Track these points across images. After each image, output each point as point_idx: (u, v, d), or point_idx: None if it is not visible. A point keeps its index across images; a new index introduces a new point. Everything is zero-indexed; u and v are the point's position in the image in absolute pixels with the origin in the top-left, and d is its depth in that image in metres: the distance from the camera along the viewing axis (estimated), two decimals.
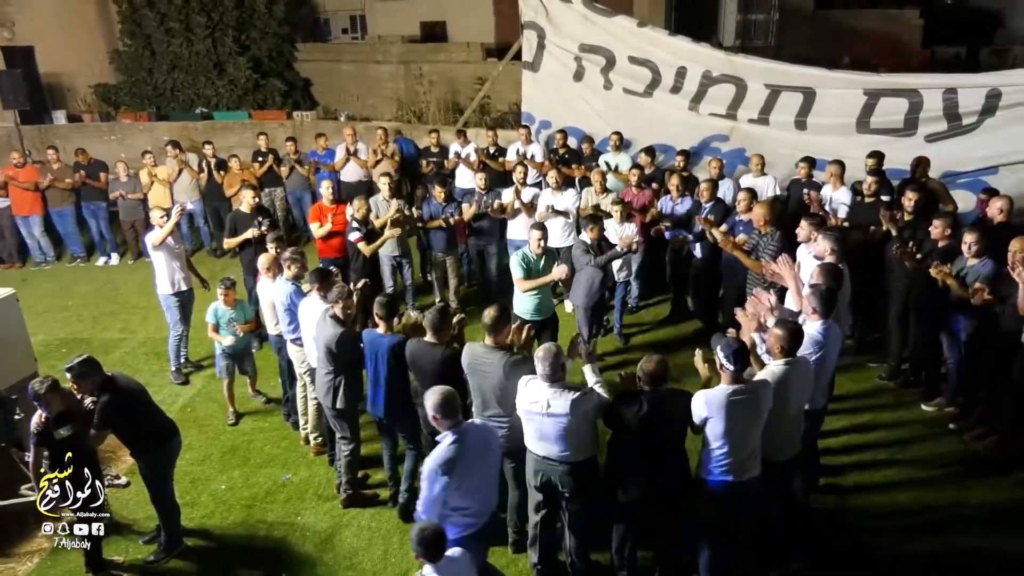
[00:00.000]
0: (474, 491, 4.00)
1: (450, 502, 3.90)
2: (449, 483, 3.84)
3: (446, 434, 3.92)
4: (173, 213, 7.18)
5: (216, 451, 6.28)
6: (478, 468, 3.99)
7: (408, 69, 15.75)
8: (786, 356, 4.24)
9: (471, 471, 3.93)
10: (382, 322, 5.04)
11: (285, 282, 5.88)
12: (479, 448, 3.99)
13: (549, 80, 10.89)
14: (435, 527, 3.63)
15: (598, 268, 6.75)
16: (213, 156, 10.57)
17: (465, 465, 3.89)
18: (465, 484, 3.91)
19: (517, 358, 4.55)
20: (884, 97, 8.74)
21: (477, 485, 4.00)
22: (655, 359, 4.17)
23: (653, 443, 4.19)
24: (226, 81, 14.89)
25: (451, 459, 3.86)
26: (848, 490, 5.40)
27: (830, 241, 5.30)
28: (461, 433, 3.92)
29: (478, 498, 4.04)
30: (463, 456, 3.88)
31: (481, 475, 4.04)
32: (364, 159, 10.35)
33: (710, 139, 9.79)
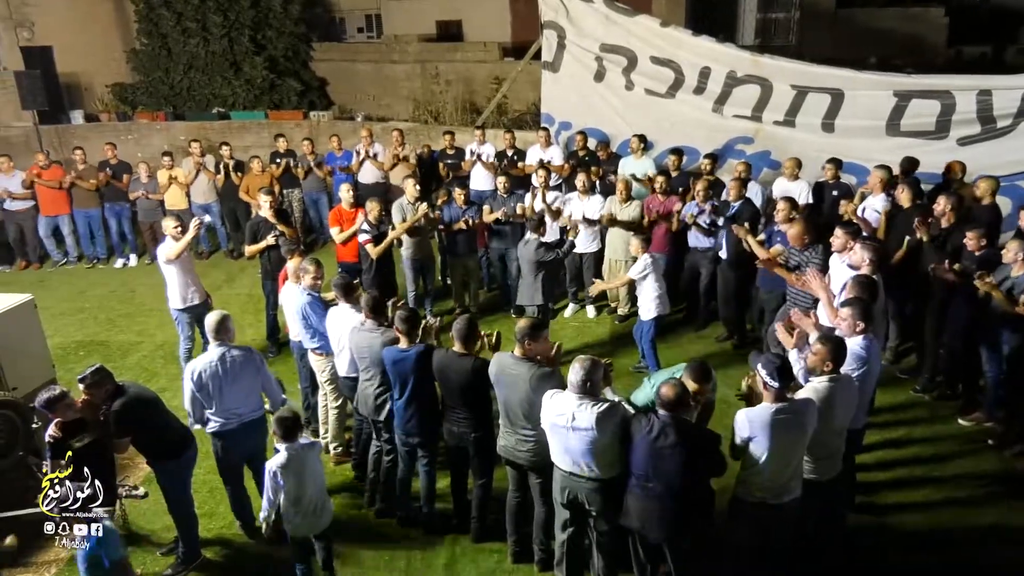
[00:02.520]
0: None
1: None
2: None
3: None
4: (191, 226, 6.95)
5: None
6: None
7: (424, 69, 15.66)
8: (830, 373, 4.07)
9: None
10: (404, 337, 4.89)
11: (301, 291, 5.77)
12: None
13: (569, 81, 10.71)
14: (296, 415, 4.57)
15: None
16: (230, 157, 10.49)
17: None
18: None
19: (545, 371, 4.41)
20: (915, 99, 8.53)
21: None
22: (673, 385, 3.93)
23: (657, 471, 3.94)
24: (242, 81, 14.86)
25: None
26: (885, 509, 5.21)
27: (868, 251, 5.13)
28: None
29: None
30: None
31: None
32: (381, 161, 10.23)
33: (734, 141, 9.60)
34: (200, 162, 10.39)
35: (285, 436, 4.44)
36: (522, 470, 4.71)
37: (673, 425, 3.87)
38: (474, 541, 5.08)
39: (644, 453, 3.97)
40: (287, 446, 4.43)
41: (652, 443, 3.91)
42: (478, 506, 5.04)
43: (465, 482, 5.15)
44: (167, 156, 10.48)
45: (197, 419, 5.08)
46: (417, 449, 5.13)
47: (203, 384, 4.91)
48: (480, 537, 5.07)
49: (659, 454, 3.90)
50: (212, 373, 4.91)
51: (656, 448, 3.90)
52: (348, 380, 5.62)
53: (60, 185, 10.35)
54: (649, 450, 3.93)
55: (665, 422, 3.89)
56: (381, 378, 5.10)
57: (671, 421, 3.87)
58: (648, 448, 3.93)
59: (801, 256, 6.17)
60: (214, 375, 4.91)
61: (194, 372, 4.93)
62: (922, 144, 8.32)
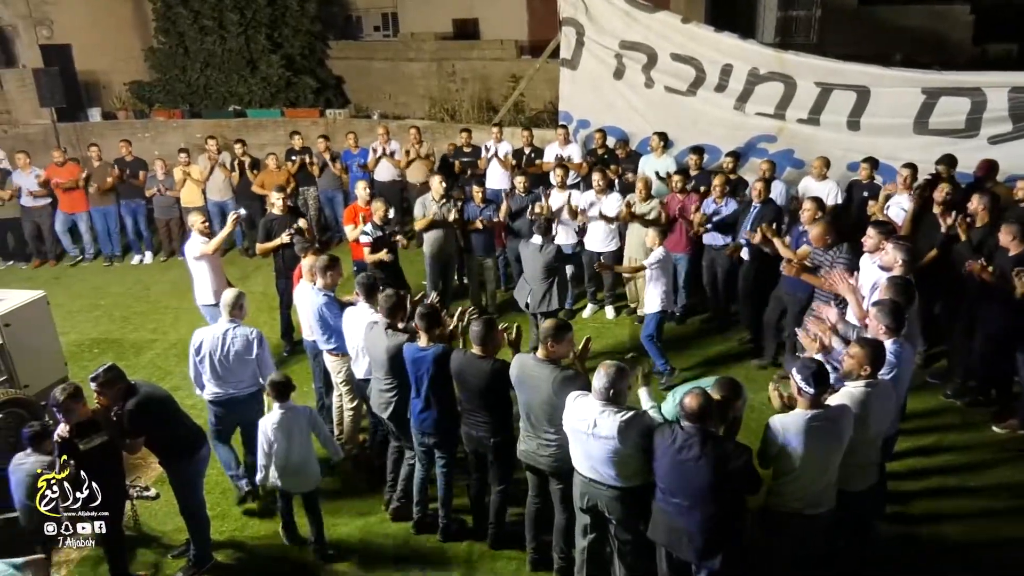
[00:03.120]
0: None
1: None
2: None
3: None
4: (229, 220, 7.08)
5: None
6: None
7: (440, 67, 15.57)
8: (867, 377, 3.90)
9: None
10: (423, 334, 4.77)
11: (317, 292, 5.66)
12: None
13: (588, 78, 10.56)
14: (288, 378, 4.91)
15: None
16: (245, 155, 10.42)
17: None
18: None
19: (569, 373, 4.27)
20: (944, 96, 8.33)
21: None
22: (698, 395, 3.69)
23: (682, 485, 3.76)
24: (259, 79, 14.80)
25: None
26: (917, 520, 5.03)
27: (902, 252, 4.93)
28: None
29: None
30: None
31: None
32: (398, 159, 10.13)
33: (756, 140, 9.42)
34: (216, 159, 10.33)
35: (278, 397, 4.84)
36: (543, 475, 4.57)
37: (697, 437, 3.68)
38: (491, 547, 4.95)
39: (667, 465, 3.79)
40: (279, 405, 4.82)
41: (675, 455, 3.73)
42: (496, 512, 4.91)
43: (484, 487, 5.02)
44: (183, 153, 10.43)
45: (196, 384, 5.41)
46: (434, 451, 5.00)
47: (201, 353, 5.23)
48: (498, 544, 4.94)
49: (682, 467, 3.72)
50: (213, 346, 5.21)
51: (679, 461, 3.72)
52: (365, 383, 5.50)
53: (76, 184, 10.31)
54: (672, 463, 3.76)
55: (689, 433, 3.71)
56: (391, 377, 4.97)
57: (695, 432, 3.70)
58: (671, 461, 3.76)
59: (824, 257, 5.98)
60: (213, 347, 5.20)
61: (196, 340, 5.27)
62: (951, 143, 8.09)
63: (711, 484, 3.67)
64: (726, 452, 3.67)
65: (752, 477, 3.76)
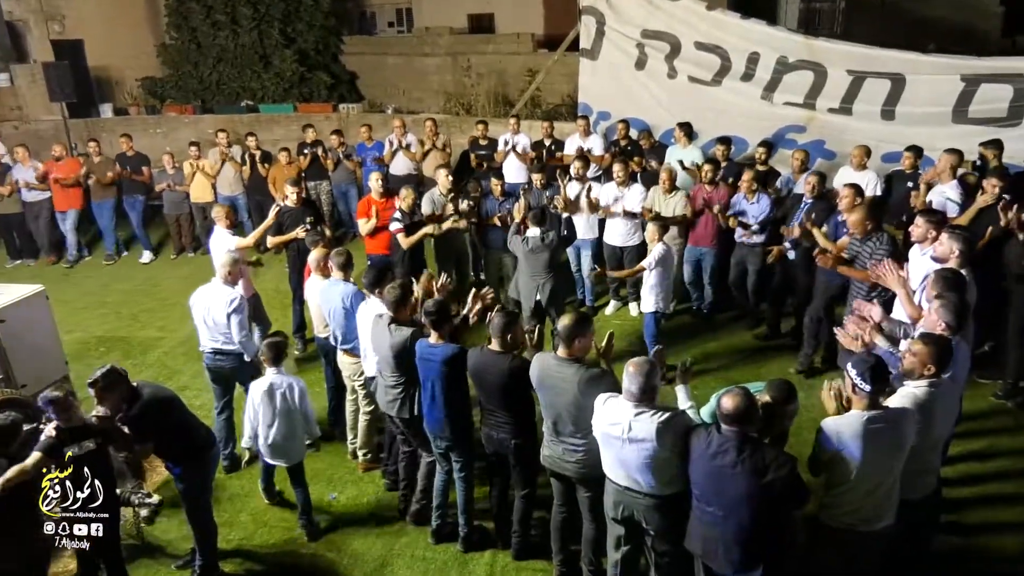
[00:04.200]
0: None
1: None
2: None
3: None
4: (271, 213, 6.97)
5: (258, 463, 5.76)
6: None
7: (456, 61, 15.33)
8: (931, 377, 3.55)
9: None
10: (433, 331, 4.46)
11: (346, 284, 5.38)
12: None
13: (608, 69, 10.25)
14: (285, 339, 5.09)
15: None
16: (257, 148, 10.15)
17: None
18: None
19: (595, 372, 3.95)
20: (984, 83, 7.95)
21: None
22: (736, 395, 3.36)
23: (718, 493, 3.44)
24: (272, 74, 14.63)
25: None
26: (974, 529, 4.66)
27: (957, 242, 4.56)
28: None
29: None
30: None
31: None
32: (414, 152, 9.83)
33: (785, 130, 9.06)
34: (226, 153, 10.07)
35: (274, 360, 4.86)
36: (569, 482, 4.24)
37: (734, 441, 3.35)
38: (515, 559, 4.63)
39: (702, 471, 3.47)
40: (272, 370, 4.84)
41: (710, 460, 3.41)
42: (520, 520, 4.58)
43: (506, 493, 4.70)
44: (193, 147, 10.17)
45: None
46: (449, 454, 4.69)
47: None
48: (522, 554, 4.62)
49: (718, 474, 3.39)
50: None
51: (714, 467, 3.40)
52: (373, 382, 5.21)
53: (76, 181, 10.07)
54: (707, 468, 3.44)
55: (726, 437, 3.38)
56: (398, 373, 4.67)
57: (732, 436, 3.36)
58: (706, 466, 3.44)
59: (862, 247, 5.59)
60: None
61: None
62: (992, 132, 7.69)
63: (748, 494, 3.33)
64: (766, 460, 3.32)
65: (798, 490, 3.41)
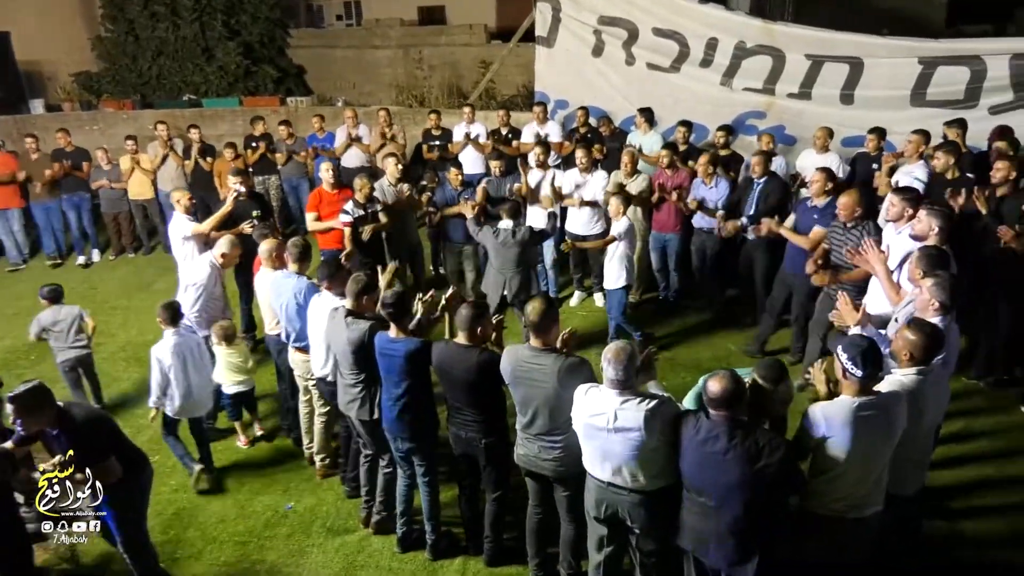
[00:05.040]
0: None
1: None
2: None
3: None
4: (229, 198, 6.62)
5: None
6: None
7: (407, 54, 15.07)
8: (918, 364, 3.38)
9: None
10: (393, 325, 4.15)
11: (299, 278, 5.03)
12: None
13: (565, 56, 10.05)
14: (176, 301, 5.28)
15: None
16: (199, 141, 9.64)
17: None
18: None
19: (574, 361, 3.69)
20: (942, 66, 7.93)
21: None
22: (723, 377, 3.17)
23: (710, 482, 3.24)
24: (215, 67, 14.03)
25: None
26: (959, 514, 4.54)
27: (937, 218, 4.42)
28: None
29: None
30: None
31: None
32: (367, 143, 9.46)
33: (745, 116, 8.97)
34: (168, 146, 9.53)
35: (172, 320, 5.02)
36: (545, 482, 3.98)
37: (724, 427, 3.15)
38: (488, 565, 4.34)
39: (693, 460, 3.28)
40: (171, 330, 5.01)
41: (699, 448, 3.21)
42: (492, 524, 4.30)
43: (476, 496, 4.41)
44: (130, 140, 9.60)
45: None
46: (411, 456, 4.39)
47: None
48: (495, 560, 4.34)
49: (708, 462, 3.20)
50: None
51: (704, 454, 3.20)
52: (324, 384, 4.87)
53: (13, 178, 9.44)
54: (697, 456, 3.24)
55: (715, 423, 3.18)
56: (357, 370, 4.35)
57: (722, 422, 3.17)
58: (696, 454, 3.24)
59: (846, 235, 5.41)
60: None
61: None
62: (950, 114, 7.68)
63: (740, 481, 3.15)
64: (759, 444, 3.13)
65: (793, 475, 3.26)
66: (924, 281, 3.77)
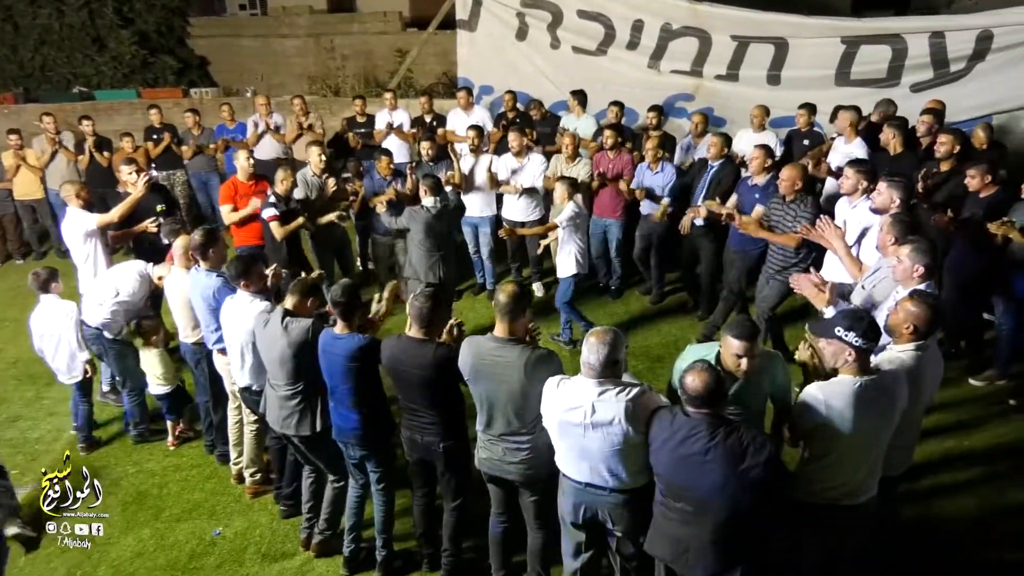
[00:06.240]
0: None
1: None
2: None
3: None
4: (140, 183, 5.90)
5: (116, 503, 4.74)
6: None
7: (318, 43, 14.44)
8: (918, 339, 3.20)
9: None
10: (342, 322, 3.71)
11: (208, 274, 4.45)
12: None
13: (488, 40, 9.72)
14: (52, 271, 5.26)
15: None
16: (93, 134, 8.78)
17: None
18: None
19: (542, 352, 3.36)
20: (864, 45, 7.99)
21: None
22: (702, 371, 2.85)
23: (688, 486, 2.93)
24: (108, 57, 13.09)
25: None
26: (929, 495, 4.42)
27: (897, 190, 4.29)
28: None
29: None
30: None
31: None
32: (283, 134, 8.84)
33: (673, 99, 8.86)
34: (55, 140, 8.64)
35: (43, 287, 5.11)
36: (511, 487, 3.63)
37: (705, 425, 2.85)
38: None
39: (667, 461, 2.96)
40: (45, 296, 5.13)
41: (676, 448, 2.90)
42: (451, 537, 3.91)
43: (432, 505, 4.01)
44: (13, 135, 8.62)
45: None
46: (364, 464, 3.96)
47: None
48: (455, 575, 3.94)
49: (687, 464, 2.88)
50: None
51: (681, 456, 2.89)
52: (248, 393, 4.37)
53: None
54: (673, 458, 2.92)
55: (696, 420, 2.88)
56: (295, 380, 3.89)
57: (702, 420, 2.87)
58: (672, 455, 2.92)
59: (785, 210, 5.32)
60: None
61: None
62: (873, 93, 7.78)
63: (723, 485, 2.84)
64: (742, 443, 2.83)
65: (780, 476, 3.00)
66: (901, 249, 3.61)
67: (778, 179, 5.43)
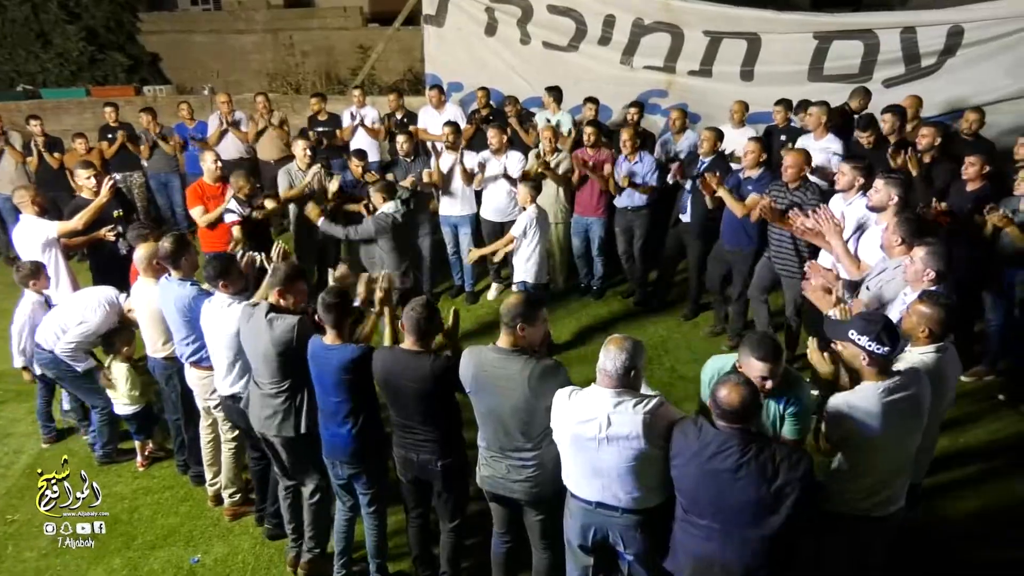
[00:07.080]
0: None
1: None
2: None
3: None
4: (104, 187, 5.61)
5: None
6: None
7: (276, 38, 14.06)
8: (936, 340, 3.10)
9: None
10: (331, 330, 3.48)
11: (180, 284, 4.15)
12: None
13: (456, 36, 9.48)
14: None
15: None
16: (43, 134, 8.31)
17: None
18: None
19: (549, 364, 3.16)
20: (837, 40, 7.98)
21: None
22: (735, 385, 2.69)
23: (716, 503, 2.77)
24: (53, 54, 12.56)
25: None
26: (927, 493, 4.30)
27: (895, 187, 4.21)
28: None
29: None
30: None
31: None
32: (245, 131, 8.49)
33: (646, 95, 8.72)
34: (4, 141, 8.15)
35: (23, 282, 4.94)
36: (515, 506, 3.43)
37: (737, 441, 2.68)
38: None
39: (693, 476, 2.78)
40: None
41: (704, 463, 2.72)
42: (450, 559, 3.71)
43: (427, 526, 3.81)
44: None
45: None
46: (353, 483, 3.74)
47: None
48: None
49: (715, 480, 2.72)
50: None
51: (710, 471, 2.72)
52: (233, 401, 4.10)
53: None
54: (701, 473, 2.75)
55: (727, 435, 2.71)
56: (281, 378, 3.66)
57: (734, 435, 2.70)
58: (700, 470, 2.75)
59: (790, 196, 5.24)
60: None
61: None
62: (846, 88, 7.74)
63: (755, 502, 2.68)
64: (776, 460, 2.67)
65: (814, 493, 2.87)
66: (916, 251, 3.53)
67: (770, 171, 5.36)
